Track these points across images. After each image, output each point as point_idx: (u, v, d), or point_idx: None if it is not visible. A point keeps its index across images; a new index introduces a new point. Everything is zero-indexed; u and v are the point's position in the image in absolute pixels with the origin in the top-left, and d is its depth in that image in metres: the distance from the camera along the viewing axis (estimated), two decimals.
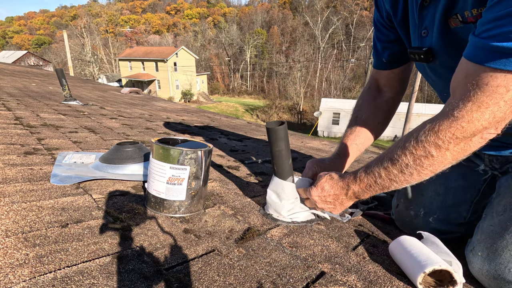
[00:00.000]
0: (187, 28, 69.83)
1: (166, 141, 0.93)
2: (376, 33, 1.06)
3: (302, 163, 1.82)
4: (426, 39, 0.80)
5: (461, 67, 0.65)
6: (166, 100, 6.65)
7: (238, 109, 36.09)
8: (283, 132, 0.87)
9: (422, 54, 0.82)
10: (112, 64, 48.62)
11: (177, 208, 0.87)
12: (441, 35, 0.75)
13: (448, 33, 0.74)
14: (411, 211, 0.98)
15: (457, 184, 0.95)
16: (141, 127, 2.39)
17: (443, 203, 0.95)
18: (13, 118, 1.95)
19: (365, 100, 1.13)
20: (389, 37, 1.00)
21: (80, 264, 0.60)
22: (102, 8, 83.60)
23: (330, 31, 47.03)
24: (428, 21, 0.77)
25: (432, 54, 0.81)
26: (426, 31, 0.79)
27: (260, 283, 0.62)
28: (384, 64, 1.07)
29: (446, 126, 0.64)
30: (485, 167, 0.93)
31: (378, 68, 1.10)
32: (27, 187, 0.92)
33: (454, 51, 0.74)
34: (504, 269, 0.66)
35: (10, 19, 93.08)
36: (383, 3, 0.96)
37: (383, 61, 1.06)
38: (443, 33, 0.75)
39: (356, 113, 1.13)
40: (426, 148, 0.67)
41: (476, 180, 0.94)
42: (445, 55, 0.78)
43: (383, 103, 1.11)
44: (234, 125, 3.42)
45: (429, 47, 0.80)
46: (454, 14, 0.70)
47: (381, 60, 1.07)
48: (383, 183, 0.76)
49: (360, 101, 1.15)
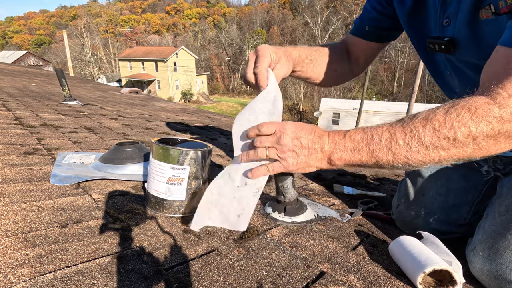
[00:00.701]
0: (187, 28, 69.83)
1: (166, 141, 0.93)
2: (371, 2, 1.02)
3: None
4: (448, 28, 0.77)
5: (499, 55, 0.60)
6: (166, 100, 6.65)
7: (238, 109, 36.07)
8: None
9: (443, 44, 0.78)
10: (112, 64, 48.61)
11: (177, 208, 0.87)
12: (467, 26, 0.71)
13: (476, 24, 0.70)
14: (412, 211, 0.98)
15: (459, 185, 0.94)
16: (141, 127, 2.39)
17: (444, 203, 0.95)
18: (12, 118, 1.95)
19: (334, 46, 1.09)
20: (386, 10, 0.98)
21: (80, 264, 0.60)
22: (102, 8, 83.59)
23: (330, 31, 47.05)
24: (452, 10, 0.74)
25: (453, 44, 0.76)
26: (448, 20, 0.76)
27: (260, 283, 0.62)
28: (365, 33, 1.05)
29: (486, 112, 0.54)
30: (488, 168, 0.92)
31: (355, 35, 1.08)
32: (27, 187, 0.92)
33: (476, 45, 0.71)
34: (505, 269, 0.66)
35: (10, 19, 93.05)
36: None
37: (365, 29, 1.04)
38: (469, 24, 0.71)
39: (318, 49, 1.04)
40: (454, 128, 0.56)
41: (477, 181, 0.93)
42: (466, 47, 0.75)
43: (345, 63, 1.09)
44: None
45: (451, 37, 0.76)
46: (487, 4, 0.65)
47: (363, 28, 1.05)
48: (376, 151, 0.63)
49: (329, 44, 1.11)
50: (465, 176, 0.95)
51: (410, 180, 1.02)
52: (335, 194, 1.28)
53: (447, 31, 0.77)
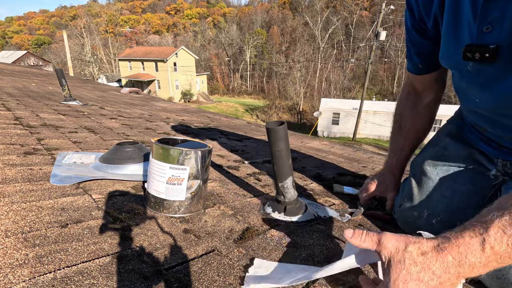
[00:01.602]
0: (187, 28, 69.83)
1: (166, 141, 0.93)
2: (409, 37, 0.97)
3: (302, 163, 1.82)
4: (489, 35, 0.70)
5: None
6: (166, 100, 6.65)
7: (238, 109, 36.10)
8: (283, 132, 0.87)
9: (487, 52, 0.70)
10: (112, 64, 48.61)
11: (177, 208, 0.87)
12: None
13: None
14: (415, 211, 0.97)
15: (465, 188, 0.92)
16: (141, 127, 2.39)
17: (449, 206, 0.93)
18: (12, 118, 1.95)
19: (406, 107, 1.10)
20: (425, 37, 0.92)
21: (80, 264, 0.60)
22: (102, 8, 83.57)
23: (330, 31, 47.05)
24: (496, 16, 0.68)
25: (497, 53, 0.69)
26: (490, 26, 0.69)
27: None
28: (421, 69, 0.99)
29: None
30: (496, 172, 0.90)
31: (414, 73, 1.03)
32: (26, 187, 0.92)
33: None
34: (508, 269, 0.65)
35: (10, 19, 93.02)
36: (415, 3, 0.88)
37: (419, 66, 0.99)
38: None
39: (399, 121, 1.11)
40: None
41: (484, 185, 0.91)
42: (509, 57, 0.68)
43: (425, 107, 1.07)
44: (234, 125, 3.42)
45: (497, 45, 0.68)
46: None
47: (416, 65, 1.00)
48: None
49: (400, 109, 1.12)
50: (472, 179, 0.93)
51: (415, 180, 1.01)
52: (335, 194, 1.28)
53: (487, 38, 0.70)
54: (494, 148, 0.91)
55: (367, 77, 18.35)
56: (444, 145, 1.01)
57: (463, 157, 0.96)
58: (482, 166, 0.93)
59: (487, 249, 0.46)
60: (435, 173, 0.98)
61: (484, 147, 0.93)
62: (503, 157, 0.88)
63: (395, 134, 1.14)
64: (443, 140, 1.03)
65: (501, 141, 0.88)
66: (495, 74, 0.72)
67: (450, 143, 1.00)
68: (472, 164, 0.95)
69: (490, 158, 0.92)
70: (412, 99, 1.09)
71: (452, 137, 1.01)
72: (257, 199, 1.10)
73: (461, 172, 0.95)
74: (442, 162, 0.98)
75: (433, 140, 1.08)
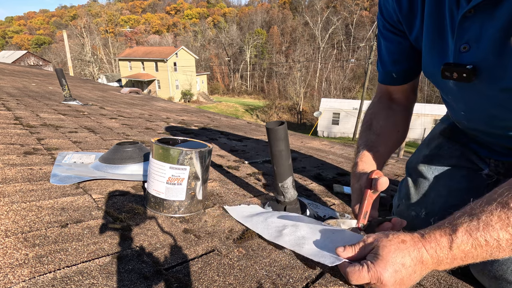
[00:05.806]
0: (187, 28, 69.83)
1: (166, 141, 0.93)
2: (383, 44, 0.92)
3: (302, 163, 1.82)
4: (466, 55, 0.68)
5: None
6: (166, 100, 6.65)
7: (238, 109, 36.12)
8: (283, 132, 0.87)
9: (465, 73, 0.68)
10: (112, 64, 48.62)
11: (177, 208, 0.87)
12: (494, 54, 0.63)
13: (504, 52, 0.61)
14: (413, 211, 0.98)
15: (461, 187, 0.93)
16: (141, 127, 2.39)
17: (445, 204, 0.94)
18: (12, 118, 1.95)
19: (379, 108, 1.02)
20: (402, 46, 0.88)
21: (79, 264, 0.60)
22: (102, 8, 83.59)
23: (330, 31, 47.06)
24: (472, 35, 0.66)
25: (475, 73, 0.67)
26: (467, 45, 0.67)
27: (260, 283, 0.62)
28: (395, 79, 0.95)
29: None
30: (489, 172, 0.91)
31: (387, 84, 0.99)
32: (26, 187, 0.92)
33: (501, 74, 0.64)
34: (506, 269, 0.66)
35: (10, 19, 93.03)
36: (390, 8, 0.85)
37: (393, 76, 0.94)
38: (496, 51, 0.63)
39: (370, 121, 1.00)
40: None
41: (479, 183, 0.92)
42: (487, 77, 0.67)
43: (398, 112, 1.01)
44: (234, 125, 3.42)
45: (474, 65, 0.67)
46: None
47: (390, 75, 0.95)
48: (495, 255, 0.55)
49: (372, 109, 1.03)
50: (467, 177, 0.93)
51: (412, 180, 1.02)
52: (335, 194, 1.28)
53: (464, 57, 0.68)
54: (486, 149, 0.91)
55: (367, 77, 18.35)
56: (438, 145, 1.02)
57: (457, 156, 0.97)
58: (476, 165, 0.94)
59: (454, 247, 0.55)
60: (430, 172, 0.98)
61: (476, 147, 0.94)
62: (496, 157, 0.88)
63: (366, 135, 0.99)
64: (437, 140, 1.03)
65: (492, 145, 0.89)
66: (477, 91, 0.71)
67: (444, 142, 1.01)
68: (466, 163, 0.95)
69: (483, 158, 0.93)
70: (385, 102, 1.03)
71: (445, 137, 1.02)
72: (257, 199, 1.10)
73: (456, 170, 0.95)
74: (437, 162, 0.99)
75: (427, 140, 1.08)
